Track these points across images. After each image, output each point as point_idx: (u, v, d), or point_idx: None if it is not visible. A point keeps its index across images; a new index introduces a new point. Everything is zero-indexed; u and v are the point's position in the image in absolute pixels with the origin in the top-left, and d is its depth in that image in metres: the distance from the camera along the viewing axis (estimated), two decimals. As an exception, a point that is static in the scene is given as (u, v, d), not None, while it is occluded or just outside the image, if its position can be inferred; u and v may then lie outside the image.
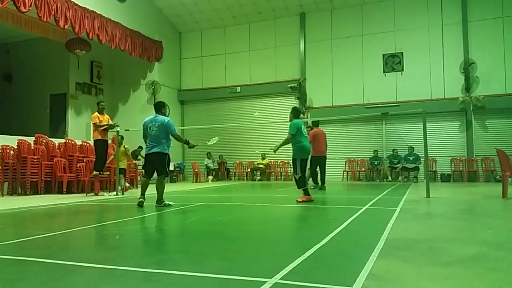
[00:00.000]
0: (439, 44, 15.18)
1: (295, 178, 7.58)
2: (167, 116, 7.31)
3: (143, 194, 7.03)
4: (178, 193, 10.58)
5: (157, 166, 7.04)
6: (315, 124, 11.42)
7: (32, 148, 10.91)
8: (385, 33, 15.82)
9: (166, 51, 17.48)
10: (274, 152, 7.82)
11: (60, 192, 10.64)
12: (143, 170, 7.48)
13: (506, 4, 14.41)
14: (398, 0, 15.68)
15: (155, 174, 7.22)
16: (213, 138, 8.12)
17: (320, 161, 10.76)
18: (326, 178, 10.99)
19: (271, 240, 4.17)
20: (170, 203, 7.08)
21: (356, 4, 16.16)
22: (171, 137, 7.15)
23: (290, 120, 7.83)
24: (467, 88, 14.51)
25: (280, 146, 7.76)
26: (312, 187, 10.55)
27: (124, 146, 10.79)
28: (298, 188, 7.54)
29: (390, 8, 15.81)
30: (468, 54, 14.67)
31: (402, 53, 15.63)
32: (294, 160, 7.56)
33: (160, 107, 7.28)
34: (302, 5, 16.46)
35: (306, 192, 7.48)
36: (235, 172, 17.68)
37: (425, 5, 15.38)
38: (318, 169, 10.95)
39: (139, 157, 13.73)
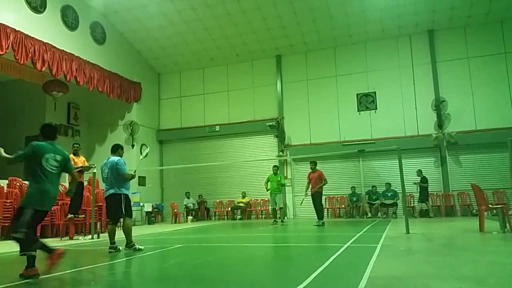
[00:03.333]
0: (411, 83, 15.79)
1: None
2: (123, 158, 6.99)
3: (112, 243, 6.69)
4: (156, 235, 10.33)
5: (115, 208, 6.73)
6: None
7: (5, 191, 10.55)
8: (358, 73, 16.36)
9: (144, 91, 17.56)
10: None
11: (33, 237, 10.21)
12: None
13: (470, 45, 15.26)
14: (369, 42, 16.38)
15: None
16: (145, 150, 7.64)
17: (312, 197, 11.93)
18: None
19: (254, 283, 4.09)
20: (140, 247, 6.79)
21: (329, 47, 16.77)
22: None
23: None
24: (440, 125, 15.00)
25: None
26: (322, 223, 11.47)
27: None
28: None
29: (361, 50, 16.48)
30: (438, 93, 15.27)
31: (375, 93, 16.14)
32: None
33: (116, 149, 7.07)
34: (278, 48, 17.00)
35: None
36: (215, 212, 17.45)
37: (395, 46, 16.10)
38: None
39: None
